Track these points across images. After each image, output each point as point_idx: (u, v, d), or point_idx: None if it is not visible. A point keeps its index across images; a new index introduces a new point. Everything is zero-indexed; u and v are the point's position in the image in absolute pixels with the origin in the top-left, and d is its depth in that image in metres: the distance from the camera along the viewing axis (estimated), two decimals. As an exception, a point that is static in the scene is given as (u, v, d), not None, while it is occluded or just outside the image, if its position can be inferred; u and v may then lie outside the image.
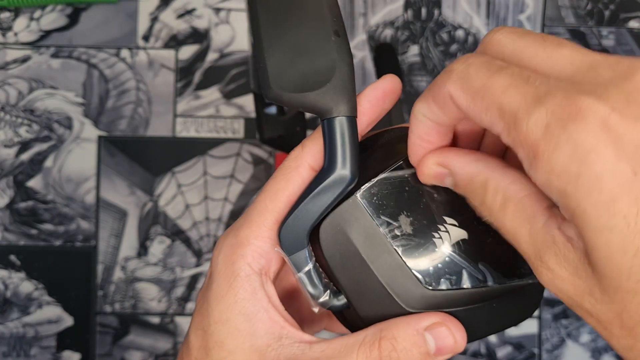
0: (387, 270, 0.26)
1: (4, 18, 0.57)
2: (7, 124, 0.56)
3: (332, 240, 0.26)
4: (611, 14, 0.59)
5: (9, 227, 0.56)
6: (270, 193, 0.26)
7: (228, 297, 0.26)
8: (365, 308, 0.27)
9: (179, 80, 0.57)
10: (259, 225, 0.26)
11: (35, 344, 0.56)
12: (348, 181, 0.25)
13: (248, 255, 0.26)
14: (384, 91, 0.27)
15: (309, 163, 0.26)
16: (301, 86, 0.25)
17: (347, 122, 0.25)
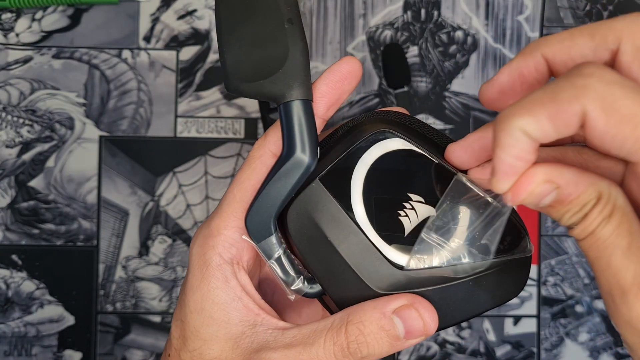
0: (354, 252, 0.25)
1: (6, 19, 0.57)
2: (9, 124, 0.56)
3: (299, 225, 0.26)
4: (610, 15, 0.59)
5: (11, 226, 0.56)
6: (237, 183, 0.27)
7: (202, 287, 0.26)
8: (337, 292, 0.26)
9: (180, 81, 0.57)
10: (228, 214, 0.27)
11: (37, 343, 0.56)
12: (307, 164, 0.25)
13: (218, 245, 0.27)
14: (342, 73, 0.27)
15: (272, 151, 0.27)
16: (257, 75, 0.25)
17: (302, 105, 0.25)
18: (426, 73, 0.58)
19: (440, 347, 0.57)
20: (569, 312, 0.58)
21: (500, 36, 0.58)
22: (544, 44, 0.24)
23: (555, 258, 0.58)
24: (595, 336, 0.58)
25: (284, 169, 0.25)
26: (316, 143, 0.26)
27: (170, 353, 0.28)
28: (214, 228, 0.27)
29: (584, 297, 0.58)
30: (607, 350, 0.58)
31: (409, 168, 0.27)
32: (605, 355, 0.58)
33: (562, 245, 0.58)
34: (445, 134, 0.29)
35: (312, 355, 0.25)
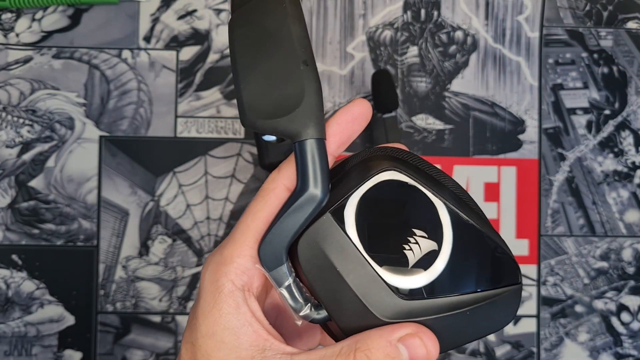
0: (361, 282, 0.27)
1: (6, 19, 0.57)
2: (9, 124, 0.56)
3: (309, 255, 0.28)
4: (609, 15, 0.59)
5: (11, 226, 0.56)
6: (250, 214, 0.28)
7: (214, 312, 0.28)
8: (344, 319, 0.28)
9: (180, 81, 0.57)
10: (241, 244, 0.28)
11: (37, 343, 0.56)
12: (319, 199, 0.27)
13: (231, 272, 0.28)
14: (353, 114, 0.29)
15: (285, 184, 0.28)
16: (273, 113, 0.27)
17: (316, 144, 0.27)
18: (426, 73, 0.58)
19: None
20: (568, 312, 0.58)
21: (500, 36, 0.58)
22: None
23: (555, 258, 0.58)
24: (594, 336, 0.58)
25: (298, 203, 0.27)
26: (328, 179, 0.27)
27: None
28: (227, 256, 0.28)
29: (584, 297, 0.58)
30: (607, 350, 0.58)
31: (413, 204, 0.29)
32: (604, 355, 0.58)
33: (562, 245, 0.58)
34: (442, 171, 0.31)
35: None
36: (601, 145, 0.59)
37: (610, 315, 0.58)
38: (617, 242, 0.59)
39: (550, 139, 0.58)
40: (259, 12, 0.28)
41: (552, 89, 0.59)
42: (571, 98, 0.59)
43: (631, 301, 0.58)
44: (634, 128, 0.59)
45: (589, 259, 0.58)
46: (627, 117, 0.59)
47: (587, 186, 0.59)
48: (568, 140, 0.58)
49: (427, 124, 0.58)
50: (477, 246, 0.29)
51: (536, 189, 0.58)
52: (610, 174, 0.59)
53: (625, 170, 0.59)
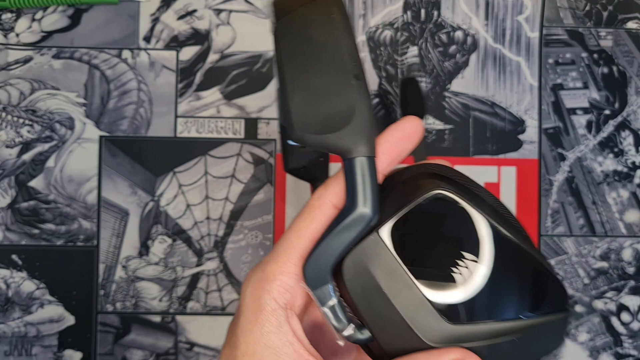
0: (408, 305, 0.26)
1: (6, 19, 0.57)
2: (9, 124, 0.56)
3: (355, 275, 0.27)
4: (609, 15, 0.59)
5: (11, 226, 0.56)
6: (295, 230, 0.28)
7: (255, 330, 0.27)
8: (388, 341, 0.27)
9: (180, 81, 0.57)
10: (285, 261, 0.27)
11: (37, 343, 0.56)
12: (368, 219, 0.26)
13: (274, 290, 0.27)
14: (404, 133, 0.28)
15: (332, 202, 0.27)
16: (323, 128, 0.26)
17: (367, 162, 0.26)
18: (426, 73, 0.58)
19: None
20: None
21: (500, 36, 0.58)
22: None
23: (555, 258, 0.58)
24: (595, 336, 0.59)
25: (346, 222, 0.27)
26: (378, 198, 0.27)
27: None
28: (270, 273, 0.28)
29: (584, 297, 0.58)
30: (607, 350, 0.59)
31: (461, 225, 0.28)
32: (604, 355, 0.59)
33: (562, 245, 0.58)
34: (484, 188, 0.29)
35: None
36: (601, 145, 0.59)
37: (610, 315, 0.58)
38: (617, 242, 0.59)
39: (550, 139, 0.58)
40: (305, 22, 0.27)
41: (552, 89, 0.59)
42: (571, 98, 0.59)
43: (631, 301, 0.59)
44: (634, 128, 0.59)
45: (589, 259, 0.58)
46: (627, 117, 0.59)
47: (587, 186, 0.59)
48: (568, 140, 0.59)
49: (427, 124, 0.58)
50: (524, 270, 0.28)
51: (536, 189, 0.58)
52: (610, 174, 0.59)
53: (625, 170, 0.59)
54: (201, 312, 0.57)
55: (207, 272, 0.57)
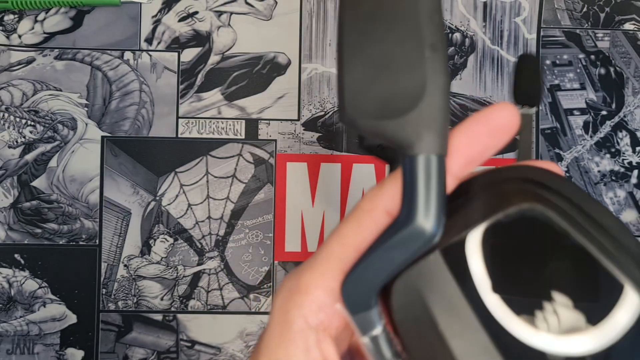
0: (469, 351, 0.20)
1: (8, 20, 0.57)
2: (12, 124, 0.57)
3: (406, 303, 0.21)
4: (607, 17, 0.60)
5: (14, 226, 0.56)
6: (337, 237, 0.23)
7: (279, 351, 0.23)
8: None
9: (181, 82, 0.57)
10: (322, 272, 0.22)
11: (39, 342, 0.56)
12: (429, 235, 0.20)
13: (305, 306, 0.23)
14: (490, 125, 0.21)
15: (386, 207, 0.22)
16: (381, 111, 0.20)
17: (435, 162, 0.20)
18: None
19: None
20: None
21: (498, 38, 0.59)
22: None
23: (553, 257, 0.59)
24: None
25: (400, 236, 0.20)
26: (444, 210, 0.20)
27: None
28: (303, 284, 0.23)
29: (581, 295, 0.59)
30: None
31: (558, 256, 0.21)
32: (601, 354, 0.59)
33: (559, 244, 0.59)
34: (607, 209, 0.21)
35: None
36: (598, 146, 0.59)
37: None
38: (614, 241, 0.59)
39: (547, 139, 0.59)
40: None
41: (550, 89, 0.59)
42: (568, 99, 0.59)
43: (628, 300, 0.59)
44: (630, 128, 0.59)
45: (586, 258, 0.59)
46: (624, 117, 0.59)
47: (584, 186, 0.59)
48: (565, 141, 0.59)
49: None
50: None
51: (534, 189, 0.58)
52: (607, 174, 0.59)
53: (622, 170, 0.59)
54: (202, 311, 0.57)
55: (208, 271, 0.57)
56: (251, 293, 0.57)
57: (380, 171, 0.58)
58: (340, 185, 0.58)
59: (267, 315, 0.57)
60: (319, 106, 0.58)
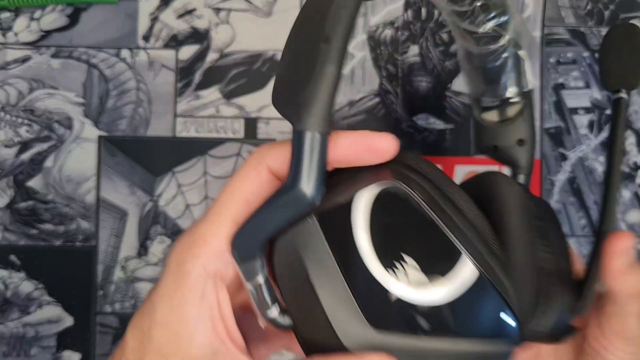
0: (333, 301, 0.24)
1: (4, 18, 0.57)
2: (7, 124, 0.56)
3: (285, 257, 0.25)
4: (611, 14, 0.59)
5: (9, 226, 0.56)
6: (228, 191, 0.25)
7: (173, 299, 0.24)
8: (306, 335, 0.25)
9: (179, 81, 0.57)
10: (218, 223, 0.24)
11: (35, 344, 0.56)
12: (309, 200, 0.23)
13: (202, 254, 0.24)
14: (371, 145, 0.25)
15: (270, 165, 0.25)
16: (285, 95, 0.24)
17: (318, 139, 0.23)
18: (427, 72, 0.58)
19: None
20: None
21: (501, 35, 0.58)
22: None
23: (557, 258, 0.58)
24: (596, 337, 0.58)
25: (286, 198, 0.24)
26: (323, 180, 0.24)
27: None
28: (200, 236, 0.25)
29: (585, 297, 0.58)
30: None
31: (411, 227, 0.25)
32: (606, 356, 0.58)
33: (563, 245, 0.58)
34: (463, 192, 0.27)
35: None
36: (603, 145, 0.59)
37: (612, 316, 0.58)
38: (619, 242, 0.58)
39: (551, 138, 0.58)
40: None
41: (554, 88, 0.58)
42: (573, 98, 0.59)
43: (633, 302, 0.58)
44: (635, 128, 0.59)
45: (591, 260, 0.58)
46: (628, 117, 0.59)
47: (589, 186, 0.58)
48: (569, 140, 0.58)
49: (428, 123, 0.58)
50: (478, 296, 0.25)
51: (537, 189, 0.58)
52: (612, 174, 0.59)
53: (627, 170, 0.59)
54: (200, 313, 0.56)
55: None
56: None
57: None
58: (340, 185, 0.57)
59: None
60: (319, 105, 0.57)
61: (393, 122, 0.58)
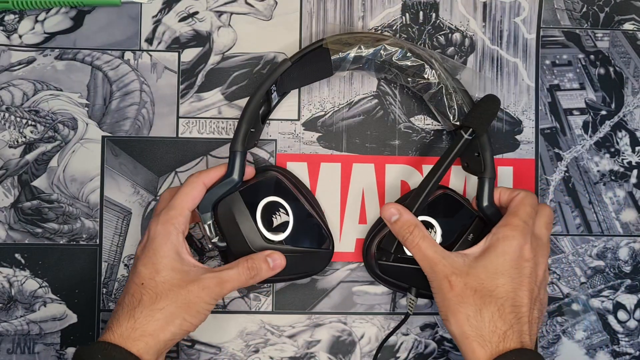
0: (247, 230, 0.51)
1: (9, 20, 0.57)
2: (12, 124, 0.57)
3: (223, 210, 0.51)
4: (606, 17, 0.60)
5: (14, 225, 0.57)
6: (183, 192, 0.50)
7: (167, 245, 0.48)
8: (234, 249, 0.52)
9: (181, 82, 0.57)
10: (179, 207, 0.49)
11: (40, 341, 0.56)
12: (235, 182, 0.51)
13: (181, 222, 0.49)
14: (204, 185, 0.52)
15: (204, 182, 0.51)
16: None
17: (239, 154, 0.51)
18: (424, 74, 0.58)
19: (438, 345, 0.58)
20: (565, 310, 0.59)
21: (498, 38, 0.59)
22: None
23: (552, 257, 0.59)
24: (591, 334, 0.59)
25: (225, 181, 0.51)
26: (243, 174, 0.52)
27: (143, 282, 0.47)
28: (177, 211, 0.50)
29: (580, 295, 0.59)
30: (604, 348, 0.59)
31: (282, 194, 0.53)
32: (601, 353, 0.59)
33: (559, 244, 0.59)
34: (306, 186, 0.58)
35: (232, 274, 0.49)
36: (597, 146, 0.59)
37: (607, 314, 0.59)
38: (614, 241, 0.59)
39: (547, 139, 0.59)
40: None
41: (549, 89, 0.59)
42: (568, 99, 0.59)
43: (627, 300, 0.59)
44: (630, 128, 0.60)
45: (586, 258, 0.59)
46: (623, 117, 0.60)
47: (584, 186, 0.59)
48: (565, 141, 0.59)
49: (425, 124, 0.58)
50: (311, 226, 0.54)
51: (533, 188, 0.59)
52: (606, 174, 0.59)
53: (621, 170, 0.59)
54: (202, 311, 0.57)
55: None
56: (251, 292, 0.58)
57: (380, 170, 0.58)
58: (340, 185, 0.58)
59: (267, 315, 0.57)
60: (319, 106, 0.58)
61: (391, 123, 0.58)
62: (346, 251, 0.57)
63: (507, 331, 0.45)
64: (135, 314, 0.46)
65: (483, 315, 0.45)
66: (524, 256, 0.47)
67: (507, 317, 0.46)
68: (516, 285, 0.46)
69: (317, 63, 0.53)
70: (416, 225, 0.49)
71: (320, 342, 0.57)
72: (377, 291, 0.58)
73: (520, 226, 0.48)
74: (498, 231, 0.48)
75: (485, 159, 0.52)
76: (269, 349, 0.57)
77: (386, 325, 0.58)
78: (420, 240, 0.49)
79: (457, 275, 0.47)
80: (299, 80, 0.54)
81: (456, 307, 0.46)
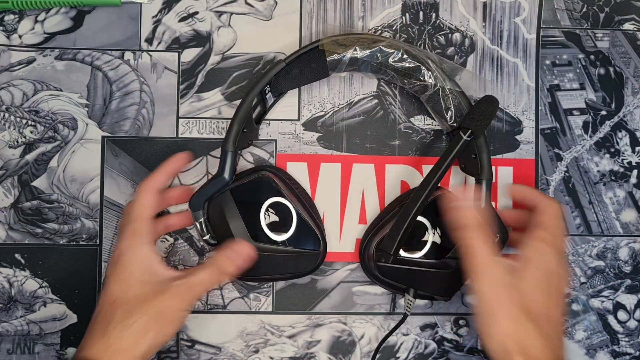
0: (236, 228, 0.52)
1: (9, 21, 0.57)
2: (12, 124, 0.57)
3: (214, 208, 0.52)
4: (606, 17, 0.60)
5: (14, 226, 0.57)
6: (138, 202, 0.51)
7: (136, 259, 0.49)
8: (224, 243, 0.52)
9: (181, 82, 0.57)
10: (140, 216, 0.50)
11: (40, 342, 0.56)
12: (226, 181, 0.52)
13: (140, 233, 0.49)
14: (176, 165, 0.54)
15: (153, 187, 0.51)
16: None
17: (231, 154, 0.51)
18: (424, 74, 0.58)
19: (438, 345, 0.58)
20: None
21: (498, 38, 0.59)
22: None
23: (552, 257, 0.59)
24: (591, 334, 0.59)
25: (216, 180, 0.52)
26: (233, 173, 0.52)
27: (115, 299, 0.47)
28: (137, 219, 0.50)
29: (580, 295, 0.59)
30: (604, 348, 0.59)
31: (273, 195, 0.53)
32: (601, 354, 0.59)
33: (559, 244, 0.59)
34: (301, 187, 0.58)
35: (200, 276, 0.48)
36: (597, 146, 0.59)
37: (607, 314, 0.59)
38: (614, 241, 0.59)
39: (547, 139, 0.59)
40: None
41: (549, 89, 0.59)
42: (568, 99, 0.59)
43: (627, 300, 0.59)
44: (630, 128, 0.60)
45: (586, 258, 0.59)
46: (623, 117, 0.60)
47: (584, 186, 0.59)
48: (565, 141, 0.59)
49: (425, 124, 0.58)
50: (301, 227, 0.53)
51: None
52: (606, 174, 0.59)
53: (621, 170, 0.59)
54: (202, 310, 0.57)
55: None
56: (251, 292, 0.58)
57: (380, 171, 0.58)
58: (340, 185, 0.58)
59: (267, 315, 0.57)
60: (319, 106, 0.58)
61: (391, 123, 0.58)
62: (346, 251, 0.57)
63: (545, 346, 0.45)
64: (108, 331, 0.46)
65: (527, 330, 0.45)
66: (558, 272, 0.48)
67: (545, 332, 0.46)
68: (550, 301, 0.47)
69: (312, 64, 0.53)
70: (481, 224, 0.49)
71: (320, 342, 0.57)
72: (377, 291, 0.58)
73: (552, 241, 0.49)
74: (532, 244, 0.49)
75: (482, 161, 0.52)
76: (269, 349, 0.57)
77: (386, 326, 0.58)
78: None
79: None
80: (294, 81, 0.54)
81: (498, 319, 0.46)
